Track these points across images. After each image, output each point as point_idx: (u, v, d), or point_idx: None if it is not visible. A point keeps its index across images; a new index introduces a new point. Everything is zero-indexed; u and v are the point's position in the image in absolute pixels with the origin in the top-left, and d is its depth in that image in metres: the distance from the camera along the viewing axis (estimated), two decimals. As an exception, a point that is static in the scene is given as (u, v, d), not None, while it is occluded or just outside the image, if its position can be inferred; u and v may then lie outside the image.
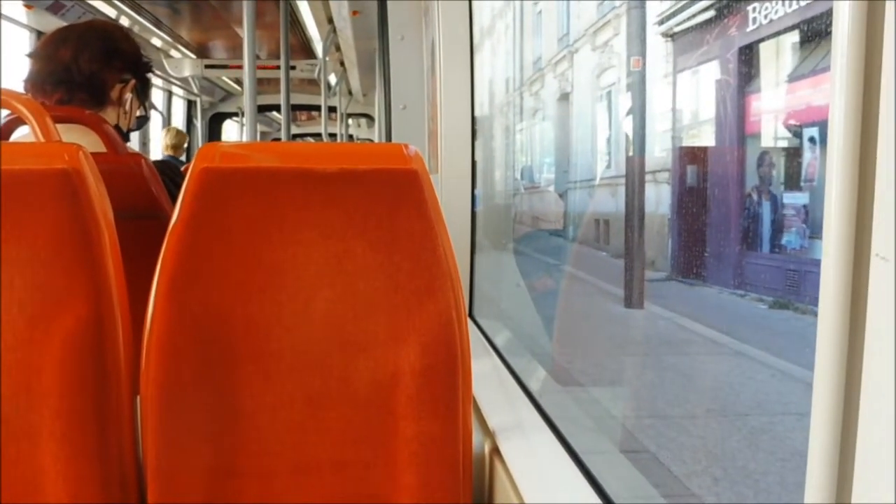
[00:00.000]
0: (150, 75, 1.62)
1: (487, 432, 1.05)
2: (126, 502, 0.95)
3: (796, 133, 5.50)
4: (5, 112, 1.33)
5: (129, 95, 1.56)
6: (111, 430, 0.93)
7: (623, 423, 3.59)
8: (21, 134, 1.34)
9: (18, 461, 0.92)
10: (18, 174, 0.90)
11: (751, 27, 5.89)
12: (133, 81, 1.56)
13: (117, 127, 1.53)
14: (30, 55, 1.53)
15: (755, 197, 5.73)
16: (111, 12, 4.30)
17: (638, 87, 6.30)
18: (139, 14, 4.68)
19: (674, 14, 6.90)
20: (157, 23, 5.11)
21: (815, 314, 0.46)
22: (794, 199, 5.46)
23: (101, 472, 0.93)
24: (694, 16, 6.64)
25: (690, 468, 3.10)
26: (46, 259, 0.91)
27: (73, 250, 0.91)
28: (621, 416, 3.74)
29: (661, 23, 6.96)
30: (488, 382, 1.26)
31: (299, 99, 6.91)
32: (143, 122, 1.65)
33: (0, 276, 0.90)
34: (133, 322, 0.95)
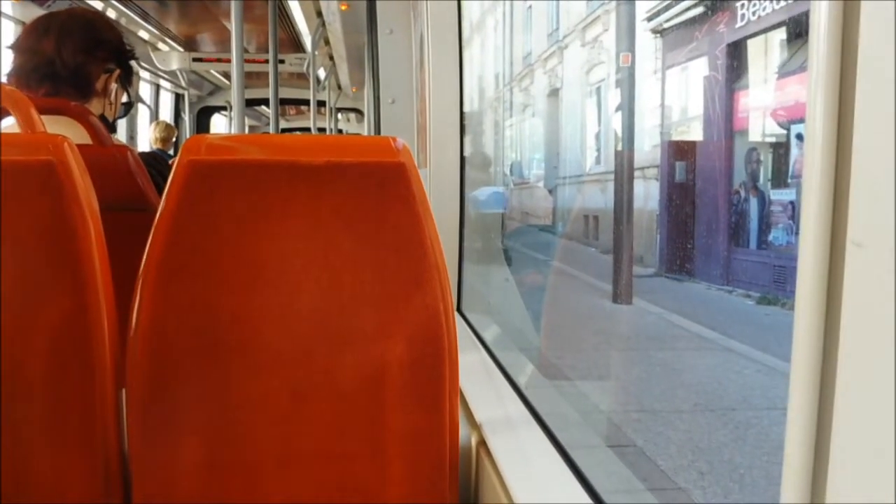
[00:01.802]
0: (133, 63, 1.61)
1: (474, 425, 1.06)
2: (110, 494, 0.95)
3: (784, 129, 5.53)
4: None
5: (114, 85, 1.55)
6: (96, 423, 0.93)
7: (610, 418, 3.62)
8: (5, 125, 1.33)
9: (3, 454, 0.91)
10: (2, 165, 0.89)
11: (739, 24, 5.91)
12: (118, 71, 1.55)
13: (103, 117, 1.52)
14: (12, 47, 1.50)
15: (742, 193, 5.77)
16: (98, 4, 4.26)
17: (627, 83, 6.33)
18: (126, 6, 4.65)
19: (663, 10, 6.92)
20: (145, 15, 5.08)
21: None
22: (781, 196, 5.50)
23: (85, 464, 0.93)
24: (683, 12, 6.66)
25: (677, 462, 3.12)
26: (31, 251, 0.90)
27: (58, 243, 0.90)
28: (608, 411, 3.76)
29: (650, 19, 6.99)
30: (475, 376, 1.26)
31: (288, 93, 6.88)
32: (128, 108, 1.64)
33: None
34: (119, 315, 0.94)
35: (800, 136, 5.14)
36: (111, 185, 1.18)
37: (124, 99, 1.60)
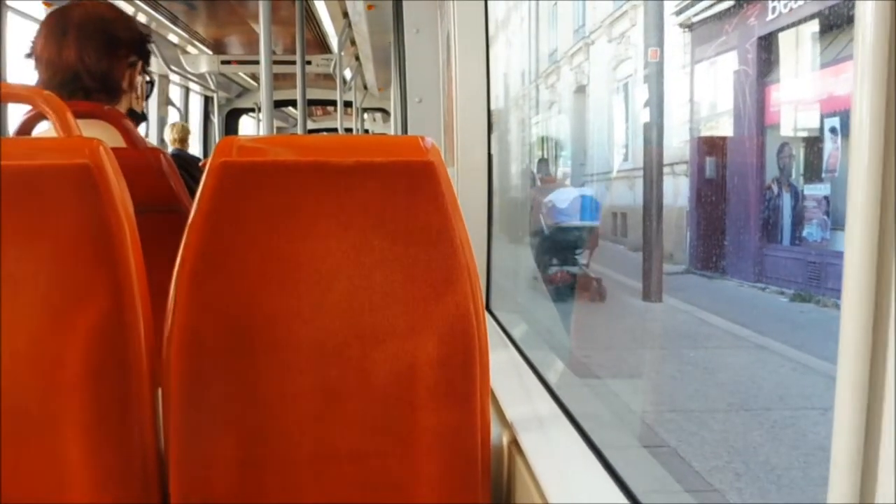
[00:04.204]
0: (163, 64, 1.59)
1: (506, 424, 1.05)
2: (147, 493, 0.96)
3: (818, 123, 5.42)
4: (24, 108, 1.34)
5: (139, 78, 1.53)
6: (133, 422, 0.94)
7: (642, 418, 3.55)
8: (41, 130, 1.35)
9: (41, 452, 0.93)
10: (40, 169, 0.91)
11: (771, 16, 5.81)
12: (140, 63, 1.52)
13: (132, 111, 1.51)
14: (30, 56, 1.47)
15: (775, 188, 5.66)
16: (129, 9, 4.33)
17: (655, 78, 6.26)
18: (156, 11, 4.71)
19: (691, 4, 6.82)
20: (174, 19, 5.14)
21: (837, 307, 0.45)
22: (815, 191, 5.38)
23: (123, 462, 0.94)
24: (712, 5, 6.56)
25: (712, 463, 3.05)
26: (68, 253, 0.92)
27: (95, 244, 0.92)
28: (640, 411, 3.66)
29: (678, 13, 6.89)
30: (506, 374, 1.26)
31: (315, 94, 6.92)
32: (150, 89, 1.62)
33: (23, 269, 0.91)
34: (153, 315, 0.96)
35: (834, 130, 5.03)
36: (144, 187, 1.19)
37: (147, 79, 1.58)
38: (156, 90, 5.84)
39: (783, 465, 3.00)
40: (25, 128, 1.30)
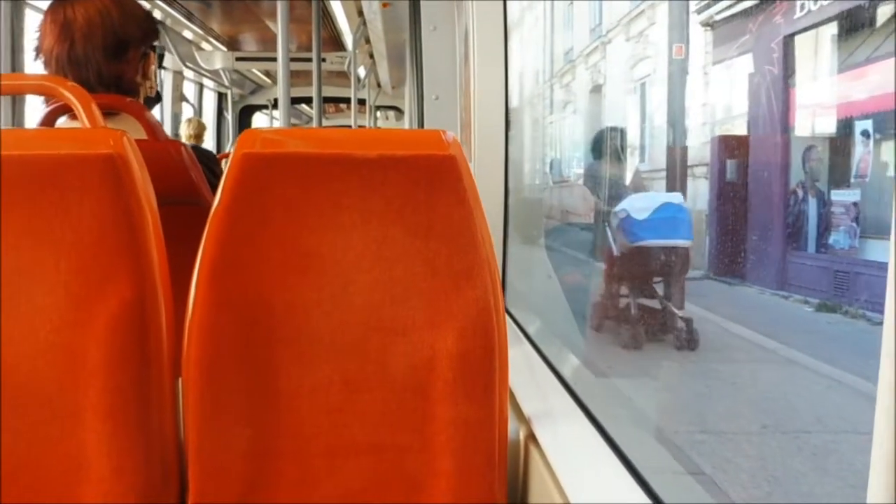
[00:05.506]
0: (179, 61, 1.56)
1: (522, 419, 1.05)
2: (167, 482, 0.97)
3: (847, 126, 5.30)
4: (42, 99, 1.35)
5: (151, 67, 1.50)
6: (153, 411, 0.95)
7: (672, 439, 3.18)
8: (60, 123, 1.36)
9: (63, 439, 0.94)
10: (65, 159, 0.92)
11: (799, 14, 5.70)
12: (151, 53, 1.49)
13: (147, 98, 1.50)
14: (38, 54, 1.41)
15: (800, 193, 5.51)
16: (144, 5, 4.35)
17: (675, 77, 6.19)
18: (171, 7, 4.74)
19: (714, 2, 6.73)
20: (189, 16, 5.17)
21: (867, 319, 0.42)
22: (844, 196, 5.21)
23: (142, 451, 0.95)
24: (736, 3, 6.45)
25: (752, 493, 2.80)
26: (91, 242, 0.93)
27: (118, 234, 0.92)
28: (668, 430, 3.33)
29: (699, 11, 6.79)
30: (522, 370, 1.26)
31: (328, 91, 6.93)
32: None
33: (46, 258, 0.92)
34: (174, 305, 0.96)
35: (865, 133, 4.92)
36: (165, 179, 1.20)
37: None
38: (170, 86, 5.87)
39: (834, 496, 2.69)
40: (49, 119, 1.31)
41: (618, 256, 4.65)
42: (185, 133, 5.52)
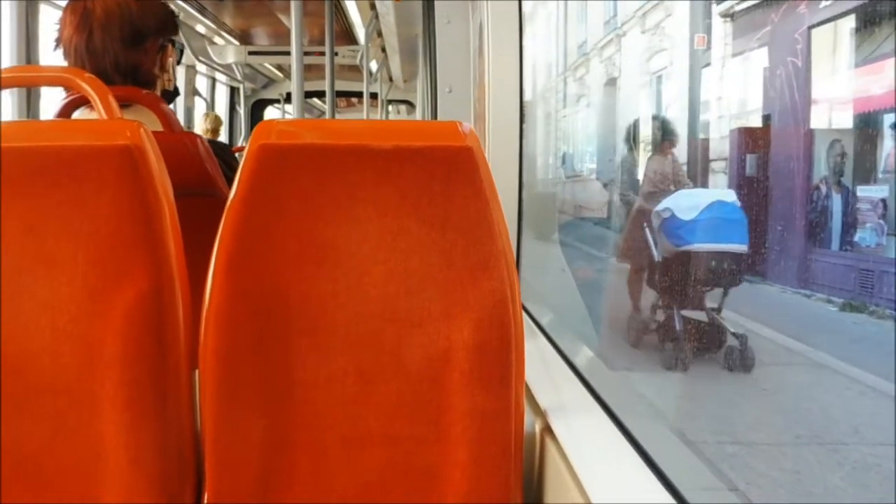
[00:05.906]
0: (191, 55, 1.56)
1: (538, 411, 1.05)
2: (182, 472, 0.97)
3: (874, 120, 5.16)
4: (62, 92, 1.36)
5: (169, 60, 1.51)
6: (170, 402, 0.95)
7: (701, 450, 2.96)
8: (76, 115, 1.37)
9: (80, 429, 0.94)
10: (82, 150, 0.92)
11: (824, 3, 5.58)
12: (169, 46, 1.50)
13: (164, 91, 1.51)
14: (58, 46, 1.42)
15: (824, 189, 5.37)
16: (159, -1, 4.36)
17: (694, 70, 6.11)
18: (184, 1, 4.75)
19: (734, -7, 6.59)
20: (202, 10, 5.17)
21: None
22: (870, 192, 5.07)
23: (159, 441, 0.95)
24: (759, -7, 6.29)
25: None
26: (108, 233, 0.93)
27: (135, 225, 0.93)
28: (699, 441, 3.12)
29: (719, 1, 6.67)
30: (537, 362, 1.26)
31: (340, 85, 6.94)
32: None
33: (63, 249, 0.92)
34: (191, 296, 0.97)
35: (894, 127, 4.78)
36: (181, 171, 1.20)
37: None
38: (182, 81, 5.89)
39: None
40: (65, 111, 1.32)
41: (660, 262, 4.15)
42: (202, 127, 5.54)
